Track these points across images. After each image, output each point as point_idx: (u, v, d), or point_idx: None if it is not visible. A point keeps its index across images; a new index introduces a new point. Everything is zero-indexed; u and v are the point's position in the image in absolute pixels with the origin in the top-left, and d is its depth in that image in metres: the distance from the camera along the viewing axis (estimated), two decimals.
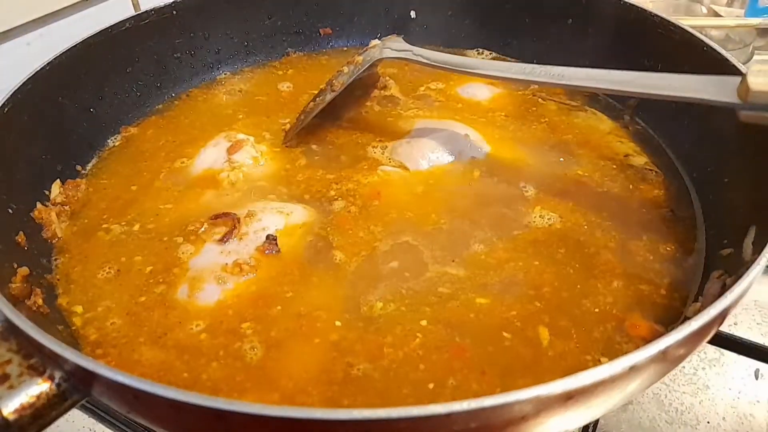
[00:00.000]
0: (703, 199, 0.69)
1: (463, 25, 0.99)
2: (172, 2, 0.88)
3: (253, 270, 0.62)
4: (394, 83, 0.91)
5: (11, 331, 0.46)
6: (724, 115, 0.67)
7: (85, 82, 0.79)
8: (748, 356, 0.65)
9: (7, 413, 0.42)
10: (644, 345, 0.39)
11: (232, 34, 0.97)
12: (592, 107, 0.86)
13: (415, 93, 0.91)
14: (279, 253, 0.64)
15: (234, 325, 0.57)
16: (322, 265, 0.63)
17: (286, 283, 0.61)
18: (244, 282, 0.61)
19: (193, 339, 0.56)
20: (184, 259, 0.64)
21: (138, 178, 0.77)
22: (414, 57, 0.80)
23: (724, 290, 0.45)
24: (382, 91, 0.90)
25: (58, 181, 0.73)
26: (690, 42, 0.73)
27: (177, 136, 0.84)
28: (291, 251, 0.64)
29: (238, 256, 0.63)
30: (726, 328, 0.67)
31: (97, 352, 0.56)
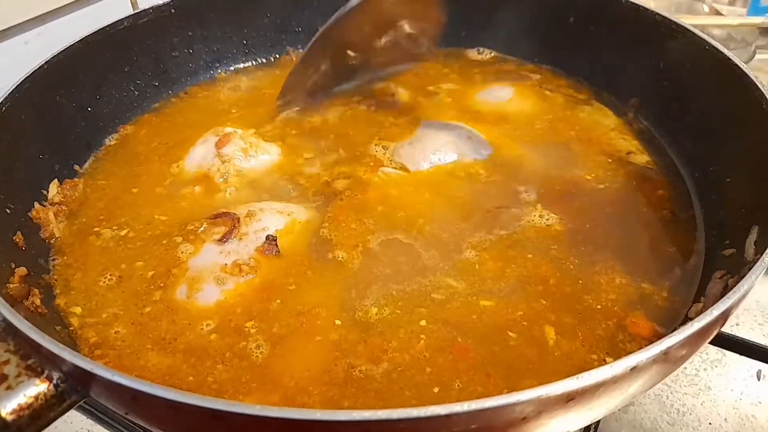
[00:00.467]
0: (705, 199, 0.68)
1: (464, 24, 0.99)
2: (171, 1, 0.88)
3: (253, 271, 0.62)
4: (402, 89, 0.90)
5: (9, 332, 0.45)
6: (726, 115, 0.67)
7: (83, 81, 0.79)
8: (750, 357, 0.64)
9: (6, 414, 0.42)
10: (646, 345, 0.39)
11: (231, 33, 0.96)
12: (598, 101, 0.86)
13: (424, 92, 0.90)
14: (279, 254, 0.63)
15: (239, 324, 0.57)
16: (321, 266, 0.63)
17: (287, 284, 0.61)
18: (244, 282, 0.61)
19: (203, 340, 0.56)
20: (183, 259, 0.64)
21: (136, 177, 0.77)
22: None
23: (726, 291, 0.45)
24: (391, 97, 0.89)
25: (56, 180, 0.73)
26: (692, 41, 0.72)
27: (174, 135, 0.84)
28: (291, 251, 0.64)
29: (238, 256, 0.63)
30: (728, 328, 0.67)
31: (96, 353, 0.56)
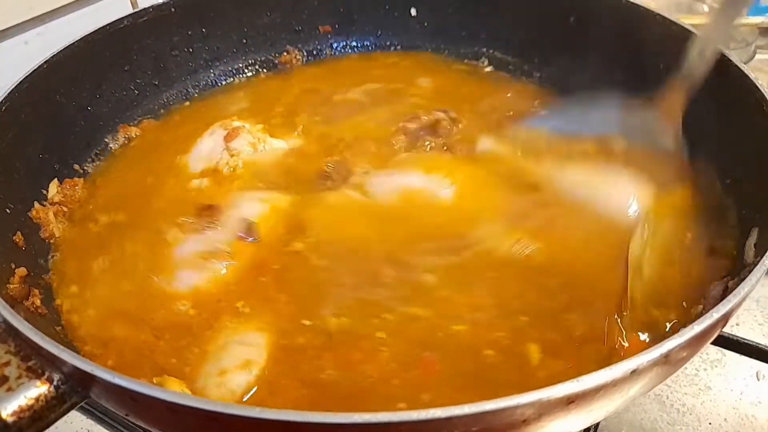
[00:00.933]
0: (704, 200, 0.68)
1: (464, 24, 0.98)
2: (170, 0, 0.88)
3: (231, 257, 0.62)
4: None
5: (9, 333, 0.45)
6: (726, 116, 0.67)
7: (83, 81, 0.79)
8: (750, 357, 0.65)
9: (6, 415, 0.42)
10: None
11: (231, 32, 0.96)
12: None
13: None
14: (258, 241, 0.64)
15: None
16: (292, 259, 0.63)
17: (263, 273, 0.62)
18: (225, 267, 0.62)
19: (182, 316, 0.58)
20: (171, 251, 0.64)
21: (136, 175, 0.77)
22: None
23: (726, 293, 0.45)
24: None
25: (56, 180, 0.73)
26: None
27: (175, 133, 0.84)
28: (269, 239, 0.65)
29: (217, 244, 0.63)
30: (728, 328, 0.67)
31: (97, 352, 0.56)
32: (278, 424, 0.36)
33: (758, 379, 0.72)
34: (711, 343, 0.51)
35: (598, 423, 0.62)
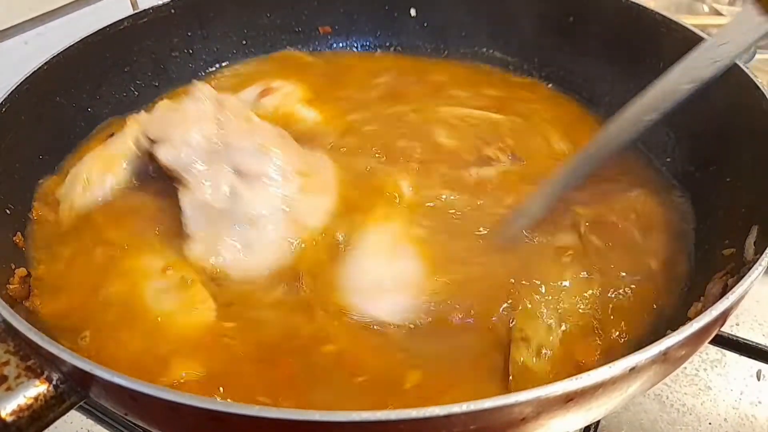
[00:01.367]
0: (704, 198, 0.68)
1: (464, 24, 0.99)
2: (170, 1, 0.88)
3: None
4: None
5: (9, 333, 0.45)
6: (726, 115, 0.67)
7: (82, 82, 0.79)
8: (750, 357, 0.64)
9: (5, 415, 0.42)
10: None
11: (231, 33, 0.96)
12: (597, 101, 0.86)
13: None
14: None
15: None
16: None
17: None
18: None
19: None
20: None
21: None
22: None
23: (725, 291, 0.45)
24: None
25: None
26: (692, 40, 0.72)
27: None
28: None
29: None
30: (728, 328, 0.67)
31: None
32: (278, 423, 0.36)
33: (758, 379, 0.72)
34: (711, 343, 0.51)
35: (598, 422, 0.62)
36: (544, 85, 0.92)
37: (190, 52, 0.94)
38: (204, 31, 0.94)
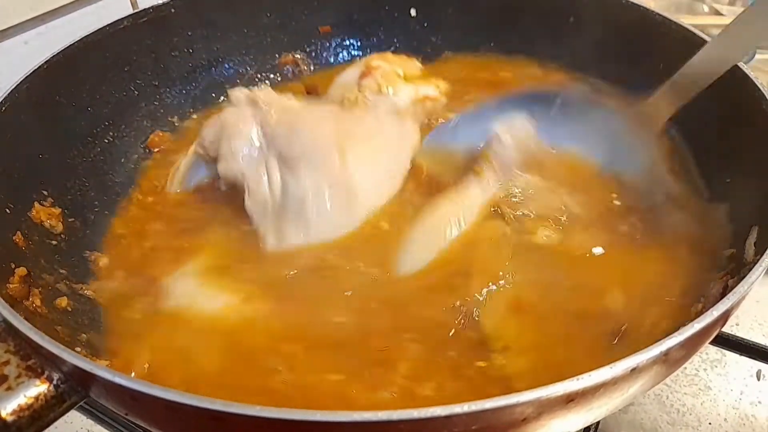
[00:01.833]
0: (704, 199, 0.68)
1: (464, 24, 0.99)
2: (170, 0, 0.88)
3: None
4: None
5: (9, 332, 0.45)
6: (726, 115, 0.67)
7: (83, 81, 0.78)
8: (750, 357, 0.65)
9: (5, 415, 0.42)
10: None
11: (231, 32, 0.96)
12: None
13: None
14: None
15: None
16: None
17: None
18: None
19: None
20: None
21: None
22: None
23: (726, 291, 0.45)
24: None
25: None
26: (692, 41, 0.72)
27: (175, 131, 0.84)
28: None
29: None
30: (728, 328, 0.67)
31: None
32: (278, 423, 0.36)
33: (758, 379, 0.72)
34: (711, 343, 0.51)
35: (598, 422, 0.62)
36: None
37: (190, 51, 0.93)
38: (204, 31, 0.94)
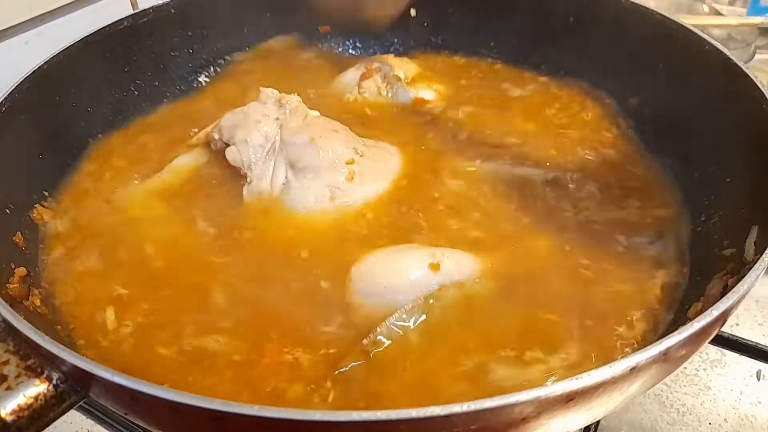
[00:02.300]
0: (704, 198, 0.68)
1: (464, 24, 0.99)
2: (170, 1, 0.88)
3: None
4: None
5: (9, 332, 0.45)
6: (726, 115, 0.67)
7: (83, 81, 0.79)
8: (750, 357, 0.65)
9: (5, 414, 0.42)
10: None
11: (230, 32, 0.96)
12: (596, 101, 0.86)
13: None
14: None
15: None
16: None
17: None
18: None
19: None
20: None
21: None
22: None
23: (725, 291, 0.45)
24: None
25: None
26: (692, 41, 0.72)
27: (174, 133, 0.84)
28: None
29: None
30: (728, 328, 0.67)
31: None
32: (278, 423, 0.36)
33: (758, 379, 0.72)
34: (711, 343, 0.51)
35: (598, 422, 0.62)
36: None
37: (190, 51, 0.94)
38: (203, 31, 0.94)
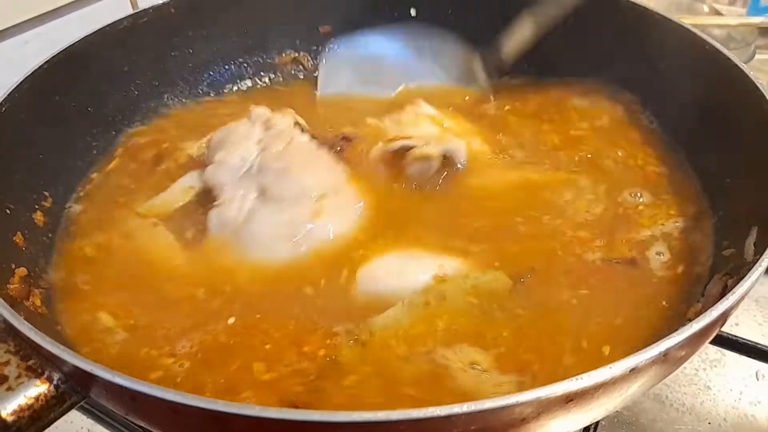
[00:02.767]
0: (704, 198, 0.68)
1: (464, 24, 0.98)
2: (170, 1, 0.88)
3: None
4: None
5: (9, 332, 0.45)
6: (726, 115, 0.67)
7: (83, 81, 0.78)
8: (750, 357, 0.65)
9: (6, 415, 0.42)
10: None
11: (230, 32, 0.96)
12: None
13: None
14: None
15: None
16: None
17: None
18: None
19: None
20: None
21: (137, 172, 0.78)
22: None
23: (725, 291, 0.45)
24: None
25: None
26: (692, 41, 0.72)
27: (175, 133, 0.84)
28: None
29: None
30: (728, 328, 0.67)
31: None
32: (278, 423, 0.36)
33: (758, 379, 0.72)
34: (710, 343, 0.51)
35: (598, 422, 0.62)
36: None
37: (190, 51, 0.93)
38: (203, 31, 0.94)
